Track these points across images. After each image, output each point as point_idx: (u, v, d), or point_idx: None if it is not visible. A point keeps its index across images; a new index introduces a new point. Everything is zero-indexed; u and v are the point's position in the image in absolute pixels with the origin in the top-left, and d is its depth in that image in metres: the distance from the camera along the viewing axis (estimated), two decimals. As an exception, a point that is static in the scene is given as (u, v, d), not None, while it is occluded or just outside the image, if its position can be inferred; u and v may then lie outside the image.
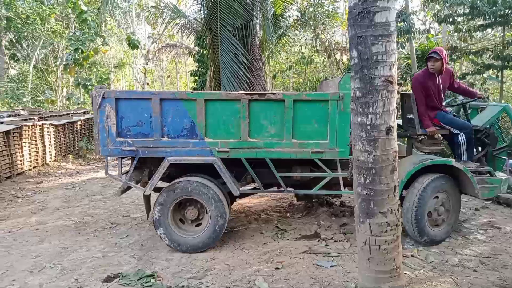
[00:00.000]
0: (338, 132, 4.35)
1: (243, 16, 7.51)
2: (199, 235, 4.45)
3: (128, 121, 4.47)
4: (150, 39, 23.19)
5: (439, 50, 4.68)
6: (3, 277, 3.78)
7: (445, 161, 4.52)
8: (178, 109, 4.42)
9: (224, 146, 4.43)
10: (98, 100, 4.39)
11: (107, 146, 4.49)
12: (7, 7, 15.64)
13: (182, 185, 4.42)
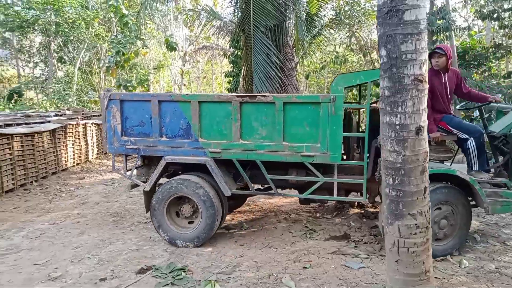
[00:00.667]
0: (329, 136, 4.22)
1: (276, 17, 7.55)
2: (191, 231, 4.58)
3: (132, 121, 4.73)
4: (187, 41, 23.77)
5: (444, 46, 4.35)
6: (47, 264, 4.06)
7: (447, 170, 4.09)
8: (175, 111, 4.59)
9: (217, 147, 4.52)
10: (105, 101, 4.70)
11: (113, 144, 4.79)
12: (56, 13, 16.65)
13: (175, 183, 4.57)
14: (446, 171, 4.09)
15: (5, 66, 22.64)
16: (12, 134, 7.36)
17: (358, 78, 4.27)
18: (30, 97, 20.58)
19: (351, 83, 4.29)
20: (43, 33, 18.86)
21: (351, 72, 5.58)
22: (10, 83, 22.64)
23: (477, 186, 3.97)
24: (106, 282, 3.65)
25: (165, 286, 3.56)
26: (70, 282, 3.65)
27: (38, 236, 4.94)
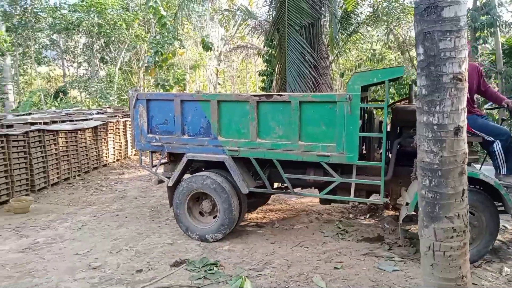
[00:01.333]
0: (346, 136, 4.13)
1: (310, 15, 7.49)
2: (210, 226, 4.71)
3: (157, 119, 4.94)
4: (223, 41, 24.08)
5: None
6: (88, 254, 4.29)
7: (469, 173, 3.80)
8: (196, 110, 4.73)
9: (234, 145, 4.59)
10: (133, 101, 4.95)
11: (141, 141, 5.04)
12: (99, 15, 17.42)
13: (194, 180, 4.73)
14: (471, 174, 3.81)
15: (53, 66, 23.97)
16: (57, 130, 7.81)
17: (375, 76, 4.14)
18: (74, 96, 21.68)
19: (368, 81, 4.18)
20: (86, 35, 19.80)
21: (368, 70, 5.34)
22: (57, 82, 23.94)
23: (503, 191, 3.73)
24: (142, 273, 3.81)
25: (198, 280, 3.66)
26: (109, 272, 3.83)
27: (80, 228, 5.22)
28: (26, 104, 16.91)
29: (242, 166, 4.71)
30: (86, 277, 3.72)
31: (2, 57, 17.27)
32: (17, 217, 5.75)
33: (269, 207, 6.14)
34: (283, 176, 4.58)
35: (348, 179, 4.34)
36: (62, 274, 3.80)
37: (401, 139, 4.48)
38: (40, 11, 19.66)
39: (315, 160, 4.33)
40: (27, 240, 4.76)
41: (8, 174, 6.50)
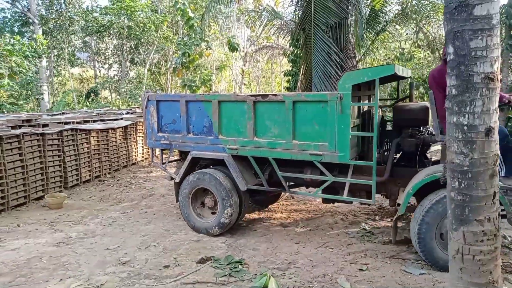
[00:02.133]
0: (337, 135, 4.14)
1: (337, 15, 7.42)
2: (211, 221, 4.90)
3: (166, 119, 5.24)
4: (248, 42, 24.20)
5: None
6: (118, 249, 4.44)
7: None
8: (200, 110, 4.96)
9: (234, 144, 4.78)
10: (145, 102, 5.29)
11: (152, 139, 5.38)
12: (129, 17, 17.92)
13: (196, 176, 4.97)
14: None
15: (85, 67, 24.86)
16: (89, 130, 8.11)
17: (365, 75, 4.09)
18: (105, 96, 22.40)
19: (358, 80, 4.13)
20: (117, 37, 20.40)
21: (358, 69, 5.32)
22: (89, 83, 24.81)
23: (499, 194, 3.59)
24: (169, 269, 3.91)
25: (223, 277, 3.72)
26: (138, 267, 3.96)
27: (110, 224, 5.41)
28: (60, 104, 17.63)
29: (243, 164, 4.87)
30: (116, 271, 3.86)
31: (38, 59, 18.07)
32: (52, 212, 6.02)
33: (294, 207, 6.14)
34: (279, 174, 4.69)
35: (340, 178, 4.39)
36: (94, 267, 3.95)
37: (399, 139, 4.42)
38: (74, 15, 20.45)
39: (308, 159, 4.38)
40: (61, 234, 4.98)
41: (43, 171, 6.82)
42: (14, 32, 20.08)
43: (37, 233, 5.06)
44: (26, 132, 6.44)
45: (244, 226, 5.30)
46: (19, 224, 5.40)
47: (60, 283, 3.62)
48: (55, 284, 3.61)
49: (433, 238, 3.71)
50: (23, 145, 6.33)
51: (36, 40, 17.27)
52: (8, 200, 6.03)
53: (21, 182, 6.31)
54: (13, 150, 6.17)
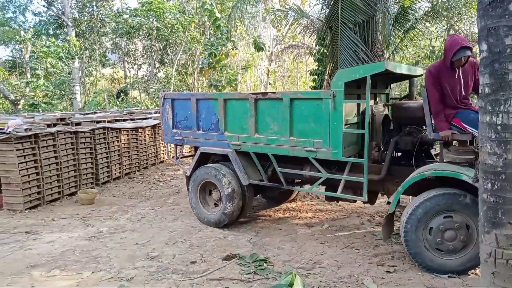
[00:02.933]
0: (330, 132, 4.19)
1: (365, 12, 7.30)
2: (215, 214, 5.15)
3: (179, 116, 5.54)
4: (274, 41, 24.19)
5: (464, 40, 3.67)
6: (146, 245, 4.57)
7: (451, 173, 3.54)
8: (208, 108, 5.19)
9: (237, 140, 4.97)
10: (161, 100, 5.64)
11: (167, 135, 5.73)
12: (157, 19, 18.32)
13: (203, 171, 5.24)
14: (449, 174, 3.56)
15: (116, 68, 25.62)
16: (120, 128, 8.37)
17: (357, 72, 4.08)
18: (134, 96, 22.99)
19: (351, 77, 4.10)
20: (146, 38, 20.90)
21: (351, 67, 5.37)
22: (119, 83, 25.54)
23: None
24: (196, 265, 3.99)
25: (248, 274, 3.75)
26: (166, 262, 4.06)
27: (140, 219, 5.57)
28: (91, 104, 18.26)
29: (247, 160, 5.04)
30: (144, 266, 3.97)
31: (71, 60, 18.78)
32: (84, 207, 6.26)
33: (319, 207, 6.11)
34: (277, 170, 4.83)
35: (333, 175, 4.45)
36: (123, 261, 4.09)
37: (398, 137, 4.35)
38: (105, 17, 21.12)
39: (304, 155, 4.47)
40: (93, 229, 5.18)
41: (76, 168, 7.10)
42: (50, 35, 20.96)
43: (70, 227, 5.28)
44: (61, 131, 6.72)
45: (268, 225, 5.33)
46: (54, 218, 5.66)
47: (92, 276, 3.76)
48: (87, 276, 3.75)
49: (420, 237, 3.65)
50: (57, 142, 6.61)
51: (69, 42, 17.97)
52: (44, 195, 6.32)
53: (55, 178, 6.59)
54: (48, 147, 6.46)
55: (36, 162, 6.18)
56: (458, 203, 3.52)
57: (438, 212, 3.58)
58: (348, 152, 4.32)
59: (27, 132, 5.95)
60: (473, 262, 3.56)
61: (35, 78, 16.68)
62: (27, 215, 5.80)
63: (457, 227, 3.56)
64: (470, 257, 3.57)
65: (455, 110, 3.83)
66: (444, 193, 3.57)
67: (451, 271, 3.61)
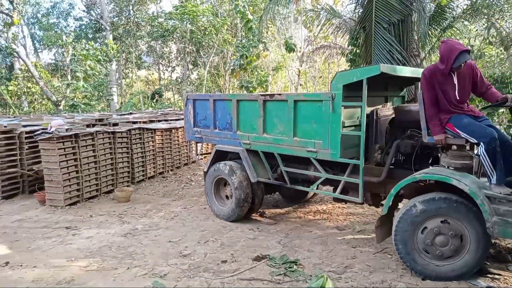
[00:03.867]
0: (330, 133, 4.29)
1: (400, 12, 7.14)
2: (226, 208, 5.47)
3: (199, 116, 5.94)
4: (306, 42, 24.05)
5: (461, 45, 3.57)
6: (179, 243, 4.69)
7: (440, 177, 3.53)
8: (224, 108, 5.49)
9: (247, 139, 5.23)
10: (185, 100, 6.09)
11: (189, 133, 6.16)
12: (191, 22, 18.70)
13: (217, 167, 5.57)
14: (439, 178, 3.55)
15: (151, 70, 26.38)
16: (155, 129, 8.61)
17: (355, 75, 4.11)
18: (168, 97, 23.58)
19: (348, 80, 4.15)
20: (180, 41, 21.38)
21: (349, 69, 5.35)
22: (154, 85, 26.28)
23: (479, 201, 3.28)
24: (227, 264, 4.05)
25: (278, 276, 3.77)
26: (198, 260, 4.15)
27: (173, 218, 5.72)
28: (128, 105, 18.89)
29: (257, 159, 5.29)
30: (177, 263, 4.08)
31: (109, 63, 19.52)
32: (120, 205, 6.50)
33: (350, 210, 6.03)
34: (282, 169, 5.03)
35: (333, 176, 4.58)
36: (157, 258, 4.21)
37: (399, 141, 4.32)
38: (141, 20, 21.80)
39: (305, 156, 4.62)
40: (128, 226, 5.37)
41: (113, 167, 7.38)
42: (89, 38, 21.90)
43: (107, 223, 5.49)
44: (99, 131, 7.02)
45: (298, 227, 5.31)
46: (92, 215, 5.91)
47: (127, 271, 3.91)
48: (123, 271, 3.90)
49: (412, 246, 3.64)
50: (96, 142, 6.90)
51: (107, 45, 18.69)
52: (83, 192, 6.62)
53: (94, 176, 6.89)
54: (88, 147, 6.76)
55: (76, 161, 6.48)
56: (449, 208, 3.48)
57: (430, 216, 3.57)
58: (349, 153, 4.35)
59: (68, 132, 6.25)
60: (472, 265, 3.49)
61: (75, 80, 17.47)
62: (67, 211, 6.09)
63: (447, 231, 3.52)
64: (463, 264, 3.51)
65: (449, 114, 3.78)
66: (436, 198, 3.55)
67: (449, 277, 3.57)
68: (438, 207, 3.52)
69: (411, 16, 7.54)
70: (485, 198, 3.33)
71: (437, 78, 3.72)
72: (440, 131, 3.77)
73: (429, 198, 3.57)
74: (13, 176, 6.92)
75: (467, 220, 3.43)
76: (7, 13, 19.50)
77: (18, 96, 20.30)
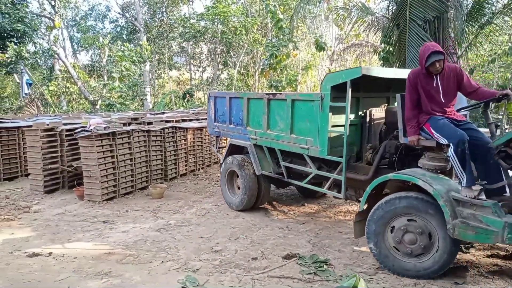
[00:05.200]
0: (319, 131, 4.54)
1: (436, 8, 6.92)
2: (235, 198, 5.96)
3: (219, 112, 6.44)
4: (336, 40, 23.74)
5: (439, 47, 3.66)
6: (210, 239, 4.79)
7: (408, 177, 3.67)
8: (238, 105, 5.93)
9: (254, 135, 5.64)
10: (208, 97, 6.63)
11: (210, 128, 6.72)
12: (222, 22, 18.94)
13: (229, 160, 6.03)
14: (406, 179, 3.71)
15: (182, 71, 26.94)
16: (187, 128, 8.81)
17: (340, 77, 4.32)
18: (198, 97, 23.98)
19: (335, 82, 4.37)
20: (211, 41, 21.70)
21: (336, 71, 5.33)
22: (185, 85, 26.81)
23: (441, 202, 3.37)
24: (257, 261, 4.10)
25: (308, 275, 3.78)
26: (228, 257, 4.23)
27: (204, 214, 5.84)
28: (160, 104, 19.39)
29: (262, 153, 5.64)
30: (209, 259, 4.17)
31: (143, 64, 20.11)
32: (154, 201, 6.71)
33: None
34: (281, 164, 5.35)
35: (321, 172, 4.84)
36: (190, 253, 4.33)
37: (387, 141, 4.41)
38: (174, 22, 22.30)
39: (299, 152, 4.94)
40: (162, 221, 5.54)
41: (147, 164, 7.63)
42: (124, 40, 22.66)
43: (142, 218, 5.69)
44: (135, 129, 7.27)
45: (328, 226, 5.29)
46: (127, 210, 6.14)
47: (161, 265, 4.04)
48: (157, 265, 4.04)
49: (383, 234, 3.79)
50: (132, 140, 7.15)
51: (141, 47, 19.25)
52: (119, 188, 6.88)
53: (129, 173, 7.14)
54: (124, 144, 7.02)
55: (113, 158, 6.75)
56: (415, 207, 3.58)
57: (397, 215, 3.70)
58: (340, 152, 4.52)
59: (106, 130, 6.52)
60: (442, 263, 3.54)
61: (111, 81, 18.13)
62: (104, 206, 6.36)
63: (415, 229, 3.62)
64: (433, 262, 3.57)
65: (429, 115, 3.83)
66: (407, 196, 3.66)
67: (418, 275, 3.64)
68: (403, 206, 3.64)
69: (447, 13, 7.30)
70: (451, 200, 3.40)
71: (421, 81, 3.80)
72: (414, 132, 3.87)
73: (394, 198, 3.71)
74: (54, 172, 7.30)
75: (434, 220, 3.51)
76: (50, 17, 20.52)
77: (57, 95, 21.31)
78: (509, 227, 3.08)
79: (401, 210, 3.65)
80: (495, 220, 3.15)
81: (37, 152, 7.02)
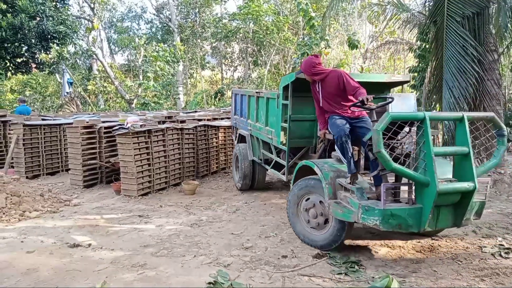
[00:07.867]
0: (276, 124, 5.46)
1: (476, 4, 6.64)
2: (238, 180, 7.22)
3: (237, 106, 7.69)
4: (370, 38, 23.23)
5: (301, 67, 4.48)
6: (241, 235, 4.86)
7: (309, 163, 4.40)
8: (244, 101, 7.13)
9: (250, 126, 6.70)
10: (231, 94, 8.08)
11: (232, 120, 8.09)
12: (254, 22, 19.03)
13: (236, 148, 7.30)
14: (308, 164, 4.43)
15: (214, 70, 27.32)
16: (218, 126, 8.95)
17: (287, 80, 5.08)
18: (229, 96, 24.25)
19: (284, 83, 5.17)
20: (242, 41, 21.86)
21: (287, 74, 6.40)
22: (217, 85, 27.18)
23: (324, 184, 4.06)
24: (287, 260, 4.12)
25: (339, 275, 3.76)
26: (259, 253, 4.28)
27: (234, 211, 5.93)
28: (192, 103, 19.77)
29: (255, 142, 6.63)
30: (240, 255, 4.24)
31: (176, 64, 20.57)
32: (186, 197, 6.88)
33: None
34: (261, 151, 6.39)
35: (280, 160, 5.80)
36: (221, 249, 4.42)
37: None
38: (206, 22, 22.64)
39: (268, 141, 5.90)
40: (194, 217, 5.67)
41: (180, 161, 7.82)
42: (158, 40, 23.26)
43: (175, 214, 5.86)
44: (169, 127, 7.47)
45: (360, 227, 5.21)
46: (162, 205, 6.33)
47: (194, 259, 4.15)
48: (190, 259, 4.16)
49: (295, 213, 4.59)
50: (166, 138, 7.37)
51: (175, 47, 19.70)
52: (153, 184, 7.11)
53: (163, 170, 7.36)
54: (159, 142, 7.24)
55: (148, 155, 6.98)
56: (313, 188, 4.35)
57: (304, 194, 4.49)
58: (297, 143, 5.40)
59: (143, 128, 6.75)
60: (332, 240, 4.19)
61: (146, 80, 18.68)
62: (140, 201, 6.59)
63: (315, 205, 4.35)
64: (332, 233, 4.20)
65: (331, 113, 4.44)
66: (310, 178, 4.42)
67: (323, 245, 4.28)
68: (305, 186, 4.43)
69: (488, 9, 6.98)
70: (335, 184, 4.04)
71: (313, 86, 4.55)
72: (323, 127, 4.58)
73: (301, 180, 4.52)
74: (93, 167, 7.65)
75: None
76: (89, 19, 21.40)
77: (95, 94, 22.20)
78: (362, 208, 3.64)
79: (307, 190, 4.42)
80: (354, 202, 3.75)
81: (77, 148, 7.38)
